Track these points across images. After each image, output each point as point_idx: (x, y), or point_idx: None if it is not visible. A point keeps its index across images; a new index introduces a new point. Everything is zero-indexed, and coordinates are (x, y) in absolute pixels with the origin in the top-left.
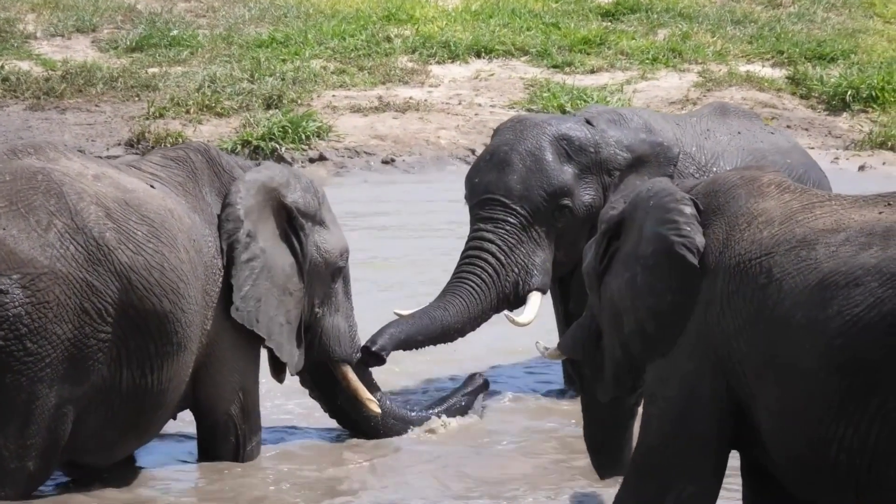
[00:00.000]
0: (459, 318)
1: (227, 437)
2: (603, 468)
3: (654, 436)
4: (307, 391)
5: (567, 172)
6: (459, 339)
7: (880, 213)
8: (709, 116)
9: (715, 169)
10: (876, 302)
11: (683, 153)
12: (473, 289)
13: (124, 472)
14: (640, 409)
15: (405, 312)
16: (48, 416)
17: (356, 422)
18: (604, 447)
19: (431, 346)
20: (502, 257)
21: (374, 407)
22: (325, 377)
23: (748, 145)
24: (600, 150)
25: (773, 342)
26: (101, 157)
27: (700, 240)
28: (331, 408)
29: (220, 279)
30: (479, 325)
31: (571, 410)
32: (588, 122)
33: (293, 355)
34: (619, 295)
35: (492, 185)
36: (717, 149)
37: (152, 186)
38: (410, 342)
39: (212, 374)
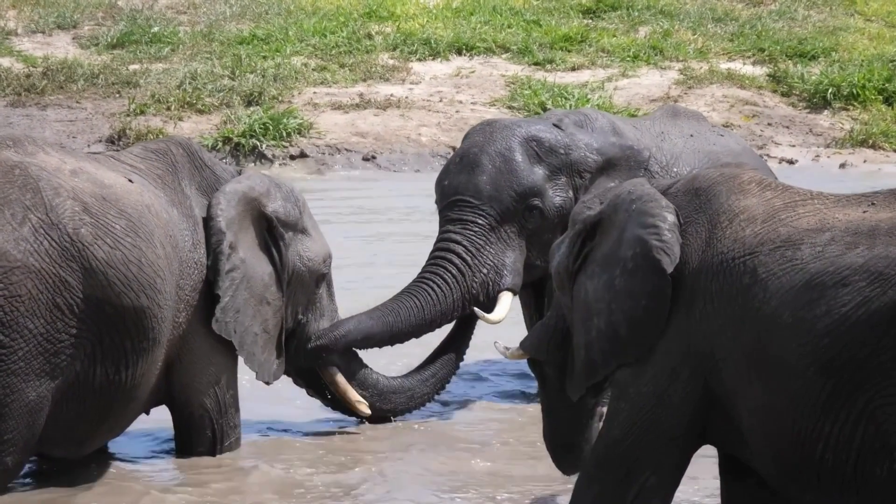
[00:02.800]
0: (411, 322)
1: (203, 431)
2: (565, 465)
3: (621, 428)
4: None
5: (537, 173)
6: (419, 337)
7: (864, 212)
8: (661, 119)
9: (675, 170)
10: (863, 301)
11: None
12: (432, 291)
13: (107, 468)
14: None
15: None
16: (24, 410)
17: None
18: (564, 447)
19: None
20: (468, 258)
21: (364, 409)
22: (315, 376)
23: (702, 147)
24: (571, 152)
25: (759, 341)
26: (78, 152)
27: (678, 250)
28: (331, 401)
29: (197, 274)
30: (440, 326)
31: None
32: (557, 125)
33: (266, 364)
34: (596, 296)
35: (461, 186)
36: (675, 150)
37: (130, 180)
38: (357, 343)
39: (186, 368)
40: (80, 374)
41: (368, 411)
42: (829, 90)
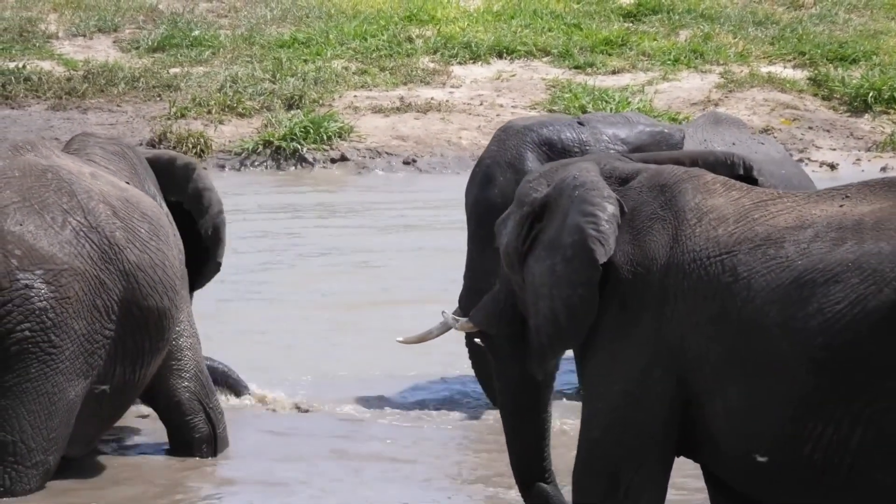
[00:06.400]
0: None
1: (198, 413)
2: (513, 431)
3: (600, 429)
4: None
5: None
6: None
7: (841, 206)
8: (703, 126)
9: None
10: (858, 299)
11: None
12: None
13: (102, 465)
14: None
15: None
16: (66, 409)
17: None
18: (517, 411)
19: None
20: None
21: None
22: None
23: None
24: (588, 147)
25: (741, 340)
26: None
27: (613, 242)
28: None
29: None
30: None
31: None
32: (580, 122)
33: None
34: (541, 280)
35: (476, 201)
36: None
37: (128, 182)
38: None
39: (166, 357)
40: (102, 375)
41: None
42: (870, 94)
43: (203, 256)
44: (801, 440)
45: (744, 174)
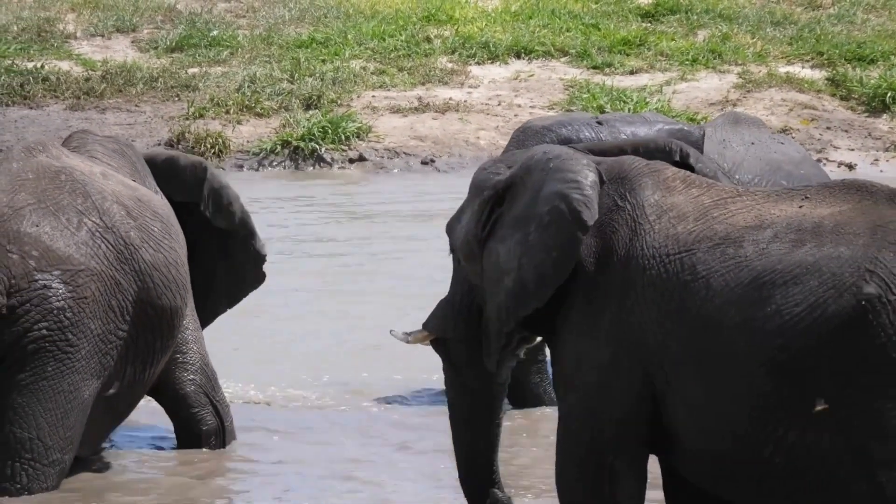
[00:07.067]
0: None
1: (205, 406)
2: (461, 440)
3: (576, 421)
4: None
5: None
6: None
7: (800, 206)
8: (722, 127)
9: (737, 177)
10: (818, 303)
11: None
12: None
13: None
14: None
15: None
16: (80, 408)
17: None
18: (470, 420)
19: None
20: None
21: None
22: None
23: (763, 155)
24: None
25: (699, 339)
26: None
27: (596, 208)
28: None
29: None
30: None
31: None
32: (598, 122)
33: None
34: (507, 257)
35: None
36: (737, 158)
37: (134, 180)
38: None
39: (173, 353)
40: (113, 375)
41: None
42: (888, 94)
43: (239, 255)
44: (760, 442)
45: (680, 161)
